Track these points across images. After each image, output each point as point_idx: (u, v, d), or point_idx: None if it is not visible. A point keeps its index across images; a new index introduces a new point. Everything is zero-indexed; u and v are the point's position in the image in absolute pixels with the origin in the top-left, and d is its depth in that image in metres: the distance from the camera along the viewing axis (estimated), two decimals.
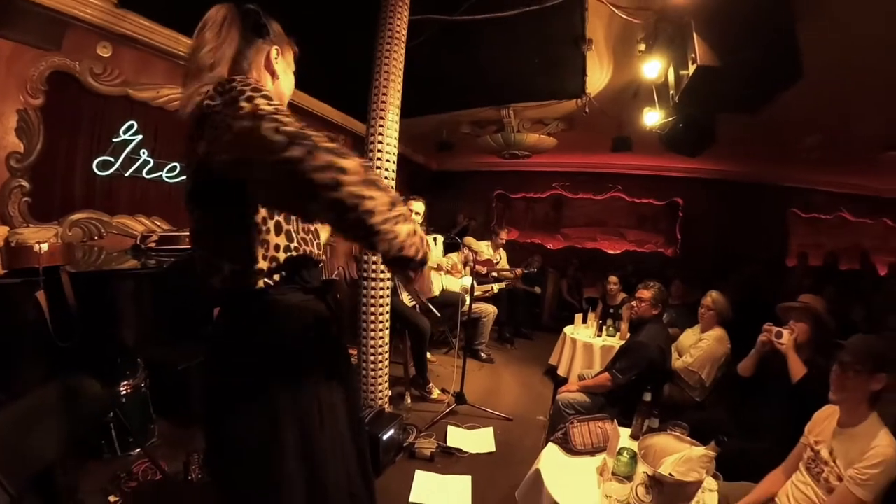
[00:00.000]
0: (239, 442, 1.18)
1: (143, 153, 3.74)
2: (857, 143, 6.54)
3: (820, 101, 4.69)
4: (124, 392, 2.86)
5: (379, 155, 3.33)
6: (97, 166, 3.50)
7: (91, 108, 3.44)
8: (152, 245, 3.61)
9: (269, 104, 0.99)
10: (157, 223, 3.95)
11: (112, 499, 2.44)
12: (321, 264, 1.40)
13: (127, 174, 3.68)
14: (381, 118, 3.32)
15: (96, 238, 3.56)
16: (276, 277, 1.21)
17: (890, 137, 6.28)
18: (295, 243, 1.25)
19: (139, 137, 3.69)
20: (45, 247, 2.64)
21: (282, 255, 1.21)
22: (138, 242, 3.64)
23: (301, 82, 1.38)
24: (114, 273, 3.23)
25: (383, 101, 3.31)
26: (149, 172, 3.81)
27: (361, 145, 3.56)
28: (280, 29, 1.36)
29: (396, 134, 3.41)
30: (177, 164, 3.96)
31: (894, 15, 3.17)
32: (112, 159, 3.57)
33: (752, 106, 3.81)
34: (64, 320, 2.64)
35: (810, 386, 2.11)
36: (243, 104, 0.99)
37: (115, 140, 3.58)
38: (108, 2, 3.30)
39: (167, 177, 3.93)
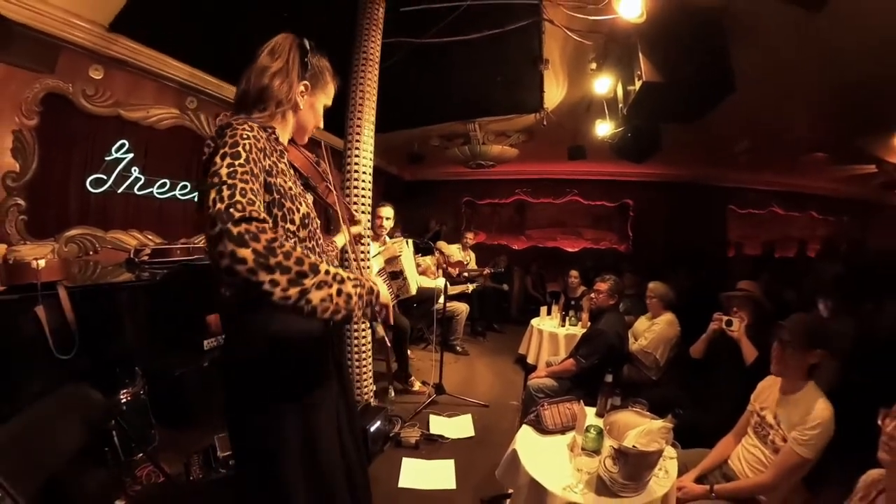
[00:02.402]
0: (250, 420, 1.24)
1: (135, 171, 3.66)
2: (785, 146, 6.83)
3: (752, 111, 4.88)
4: (124, 400, 2.77)
5: (356, 168, 3.32)
6: (90, 184, 3.41)
7: (84, 128, 3.35)
8: (145, 258, 3.52)
9: (229, 169, 1.02)
10: (150, 237, 3.87)
11: (119, 503, 2.37)
12: None
13: (119, 191, 3.60)
14: (358, 134, 3.32)
15: (91, 253, 3.46)
16: None
17: (812, 141, 6.59)
18: None
19: (130, 156, 3.61)
20: (42, 263, 2.55)
21: None
22: (132, 256, 3.55)
23: None
24: (110, 286, 3.12)
25: (359, 118, 3.31)
26: (140, 189, 3.72)
27: (340, 159, 3.56)
28: (323, 64, 1.39)
29: (371, 148, 3.40)
30: (167, 181, 3.89)
31: (807, 36, 3.35)
32: (105, 177, 3.48)
33: (691, 116, 3.90)
34: (63, 333, 2.55)
35: (762, 366, 2.21)
36: (217, 160, 1.04)
37: (107, 158, 3.50)
38: (100, 26, 3.23)
39: (158, 193, 3.85)
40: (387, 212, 4.32)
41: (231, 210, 0.94)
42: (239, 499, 1.42)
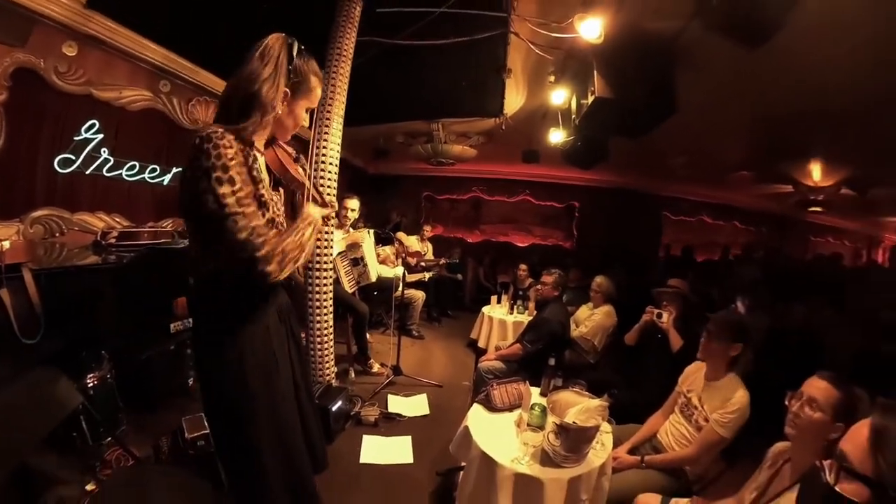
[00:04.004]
0: (218, 380, 1.35)
1: (104, 152, 3.41)
2: (716, 164, 7.23)
3: (690, 131, 5.13)
4: (91, 384, 2.57)
5: (324, 159, 3.28)
6: (58, 164, 3.16)
7: (54, 105, 3.08)
8: (112, 241, 3.33)
9: (235, 197, 1.17)
10: (117, 220, 3.64)
11: (89, 487, 2.23)
12: None
13: (87, 172, 3.34)
14: (327, 126, 3.28)
15: (57, 235, 3.21)
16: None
17: (740, 161, 7.01)
18: None
19: (100, 136, 3.36)
20: (6, 244, 2.36)
21: None
22: (99, 239, 3.34)
23: None
24: (76, 269, 2.92)
25: (329, 111, 3.27)
26: (109, 171, 3.49)
27: (307, 150, 3.51)
28: (309, 68, 1.36)
29: (339, 141, 3.37)
30: (136, 163, 3.66)
31: (744, 70, 3.58)
32: (73, 157, 3.23)
33: (636, 132, 4.04)
34: (28, 317, 2.41)
35: (687, 353, 2.37)
36: (214, 184, 1.15)
37: (76, 138, 3.24)
38: (77, 1, 2.98)
39: (127, 175, 3.62)
40: (353, 203, 4.32)
41: (253, 240, 1.18)
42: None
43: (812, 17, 2.50)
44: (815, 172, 6.99)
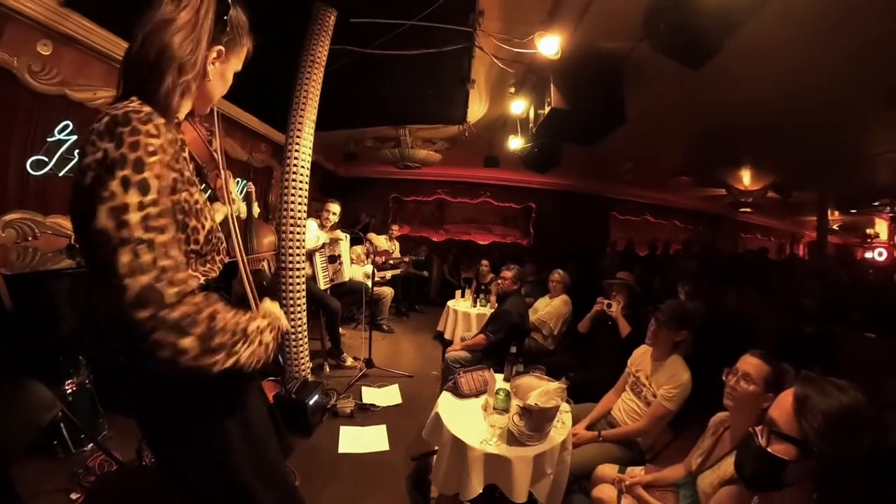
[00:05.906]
0: (200, 482, 1.00)
1: (78, 154, 3.15)
2: (659, 169, 7.56)
3: (636, 140, 5.33)
4: (70, 391, 2.46)
5: (295, 161, 3.26)
6: (31, 166, 2.91)
7: (27, 106, 2.83)
8: None
9: (141, 214, 0.73)
10: None
11: (74, 496, 2.10)
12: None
13: (61, 174, 3.08)
14: (299, 130, 3.25)
15: (30, 239, 2.94)
16: None
17: (680, 167, 7.37)
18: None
19: (74, 138, 3.12)
20: None
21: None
22: (73, 242, 3.05)
23: (229, 94, 1.09)
24: (50, 273, 2.70)
25: (301, 116, 3.24)
26: None
27: (280, 152, 3.47)
28: (242, 21, 1.02)
29: (311, 144, 3.34)
30: None
31: (686, 87, 3.78)
32: (46, 159, 2.99)
33: (588, 140, 4.18)
34: (0, 324, 2.23)
35: (634, 338, 2.46)
36: (113, 187, 0.73)
37: (49, 140, 3.00)
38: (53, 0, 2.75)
39: None
40: (335, 207, 4.37)
41: (162, 288, 0.71)
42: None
43: (747, 42, 2.67)
44: (746, 178, 7.48)
